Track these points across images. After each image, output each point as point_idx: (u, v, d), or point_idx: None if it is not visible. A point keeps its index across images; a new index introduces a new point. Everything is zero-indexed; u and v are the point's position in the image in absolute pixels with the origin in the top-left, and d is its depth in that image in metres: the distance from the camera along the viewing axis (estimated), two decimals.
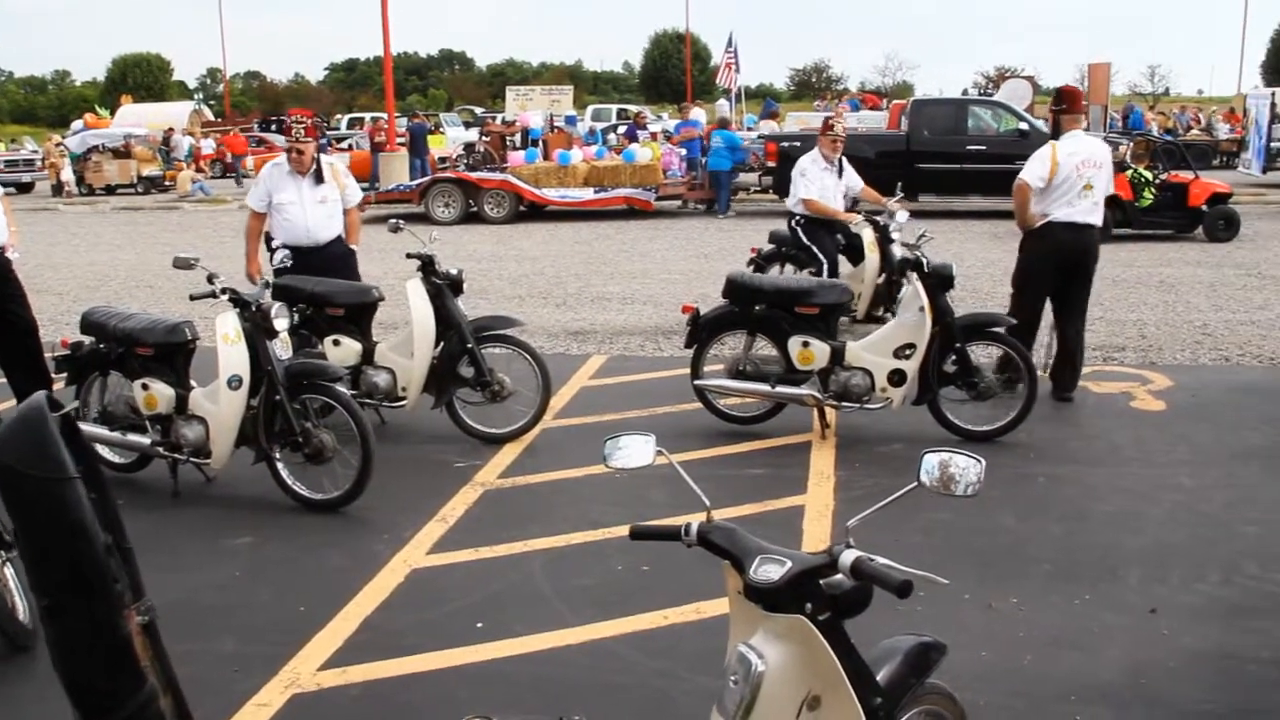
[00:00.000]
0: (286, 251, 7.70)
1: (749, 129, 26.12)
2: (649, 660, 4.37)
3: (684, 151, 22.00)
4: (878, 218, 9.82)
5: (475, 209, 20.29)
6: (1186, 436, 7.11)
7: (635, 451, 2.81)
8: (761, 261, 10.38)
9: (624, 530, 2.81)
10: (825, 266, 9.67)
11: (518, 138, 25.15)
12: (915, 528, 5.58)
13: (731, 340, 7.42)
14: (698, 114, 25.33)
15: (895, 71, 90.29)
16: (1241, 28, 75.86)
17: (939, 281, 6.87)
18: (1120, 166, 17.16)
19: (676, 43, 71.58)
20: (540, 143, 23.21)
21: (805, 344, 6.84)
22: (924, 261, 6.90)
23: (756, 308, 6.98)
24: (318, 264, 7.65)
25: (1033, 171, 7.61)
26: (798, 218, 9.91)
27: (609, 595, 4.91)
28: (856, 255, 10.20)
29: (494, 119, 31.69)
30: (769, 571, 2.37)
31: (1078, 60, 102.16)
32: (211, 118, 50.64)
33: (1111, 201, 16.46)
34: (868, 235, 9.85)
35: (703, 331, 7.20)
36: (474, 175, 21.08)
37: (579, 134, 26.02)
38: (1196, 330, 10.36)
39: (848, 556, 2.34)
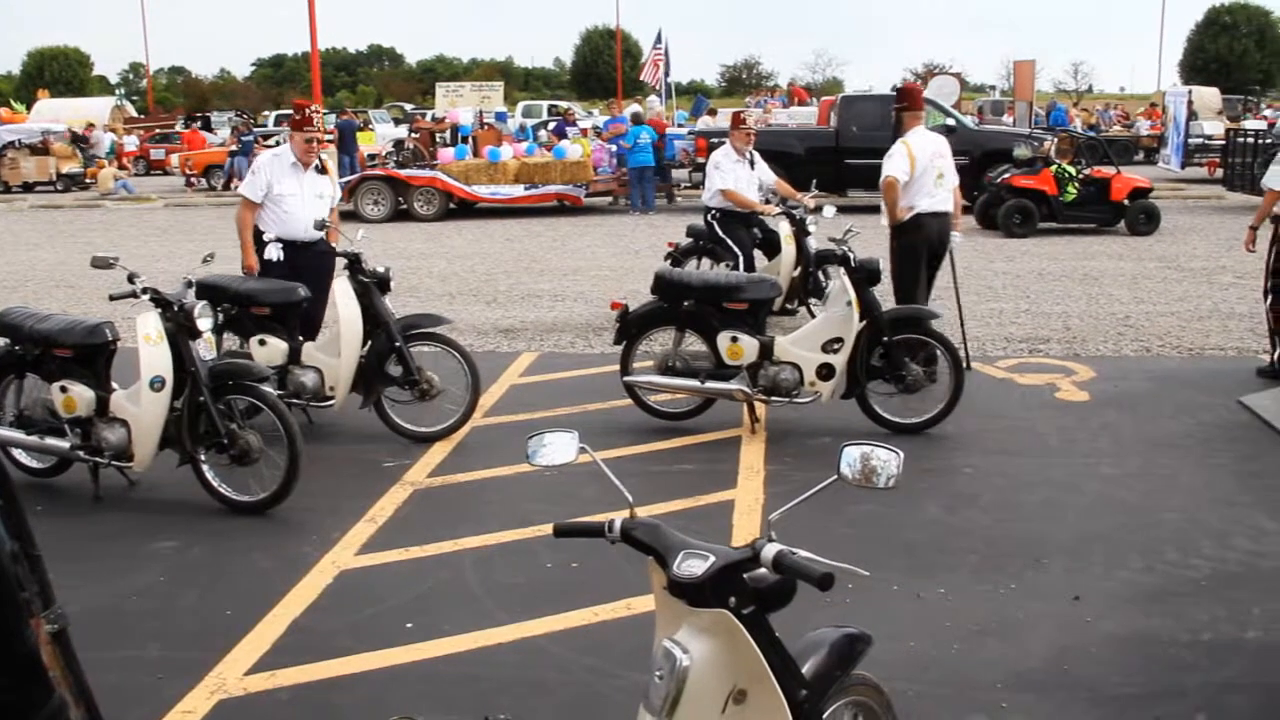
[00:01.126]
0: (280, 245, 7.46)
1: (680, 125, 26.18)
2: (579, 657, 4.37)
3: (614, 148, 21.99)
4: (794, 211, 9.93)
5: (405, 206, 20.14)
6: (1109, 426, 7.26)
7: (558, 448, 2.80)
8: (679, 256, 10.44)
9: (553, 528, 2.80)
10: (741, 260, 9.75)
11: (448, 134, 24.97)
12: (844, 520, 5.64)
13: (661, 336, 7.43)
14: (637, 109, 25.25)
15: (825, 68, 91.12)
16: (1160, 27, 77.46)
17: (866, 276, 6.94)
18: (1045, 162, 17.49)
19: (608, 39, 71.55)
20: (470, 140, 23.07)
21: (734, 339, 6.87)
22: (851, 256, 6.97)
23: (685, 303, 7.00)
24: (307, 260, 7.52)
25: (898, 167, 7.93)
26: (714, 212, 9.98)
27: (539, 593, 4.90)
28: (773, 249, 10.31)
29: (423, 116, 31.43)
30: (692, 566, 2.38)
31: (1004, 57, 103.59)
32: (135, 114, 49.67)
33: (1036, 196, 16.83)
34: (784, 228, 9.99)
35: (632, 328, 7.21)
36: (403, 172, 20.91)
37: (509, 131, 25.93)
38: (1119, 322, 10.56)
39: (770, 550, 2.36)
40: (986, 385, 8.25)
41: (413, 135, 26.78)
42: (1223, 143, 24.74)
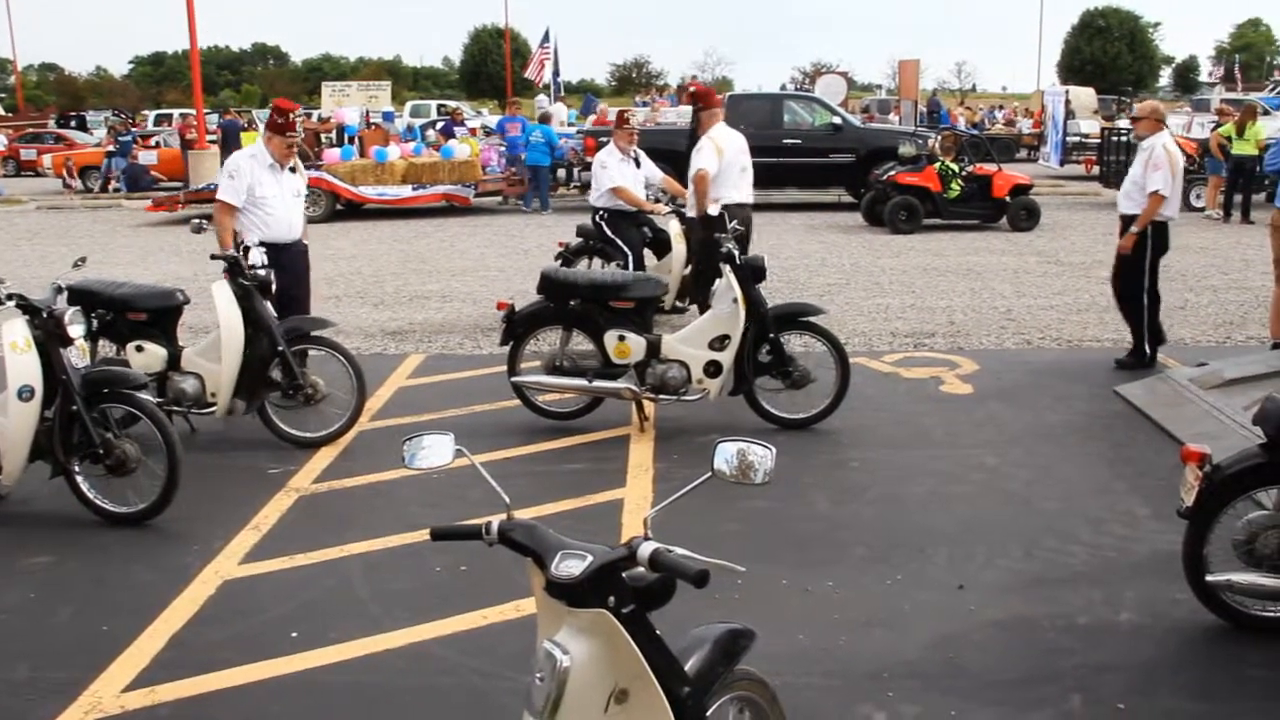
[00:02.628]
0: (262, 250, 7.10)
1: (571, 124, 26.13)
2: (468, 660, 4.34)
3: (503, 147, 21.86)
4: (683, 209, 9.89)
5: None
6: (992, 418, 7.43)
7: (435, 451, 2.78)
8: (569, 255, 10.35)
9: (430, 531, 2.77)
10: (630, 259, 9.75)
11: (333, 135, 24.56)
12: (733, 517, 5.69)
13: (548, 336, 7.40)
14: (547, 110, 25.07)
15: (714, 67, 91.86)
16: (1039, 29, 79.75)
17: (751, 273, 7.00)
18: (929, 159, 17.84)
19: (496, 38, 71.14)
20: (356, 140, 22.72)
21: (621, 338, 6.88)
22: (736, 254, 7.02)
23: (572, 303, 6.99)
24: (289, 262, 7.36)
25: (708, 161, 8.58)
26: (602, 211, 9.95)
27: (427, 597, 4.85)
28: (663, 248, 10.33)
29: (309, 116, 30.87)
30: (570, 567, 2.37)
31: (890, 57, 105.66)
32: (2, 112, 47.92)
33: (921, 193, 17.16)
34: (674, 227, 9.97)
35: (518, 328, 7.18)
36: None
37: (396, 131, 25.60)
38: (1001, 315, 10.82)
39: (646, 548, 2.37)
40: (873, 380, 8.39)
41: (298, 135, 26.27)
42: (1098, 141, 25.52)
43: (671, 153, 19.40)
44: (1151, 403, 7.59)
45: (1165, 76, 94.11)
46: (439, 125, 26.48)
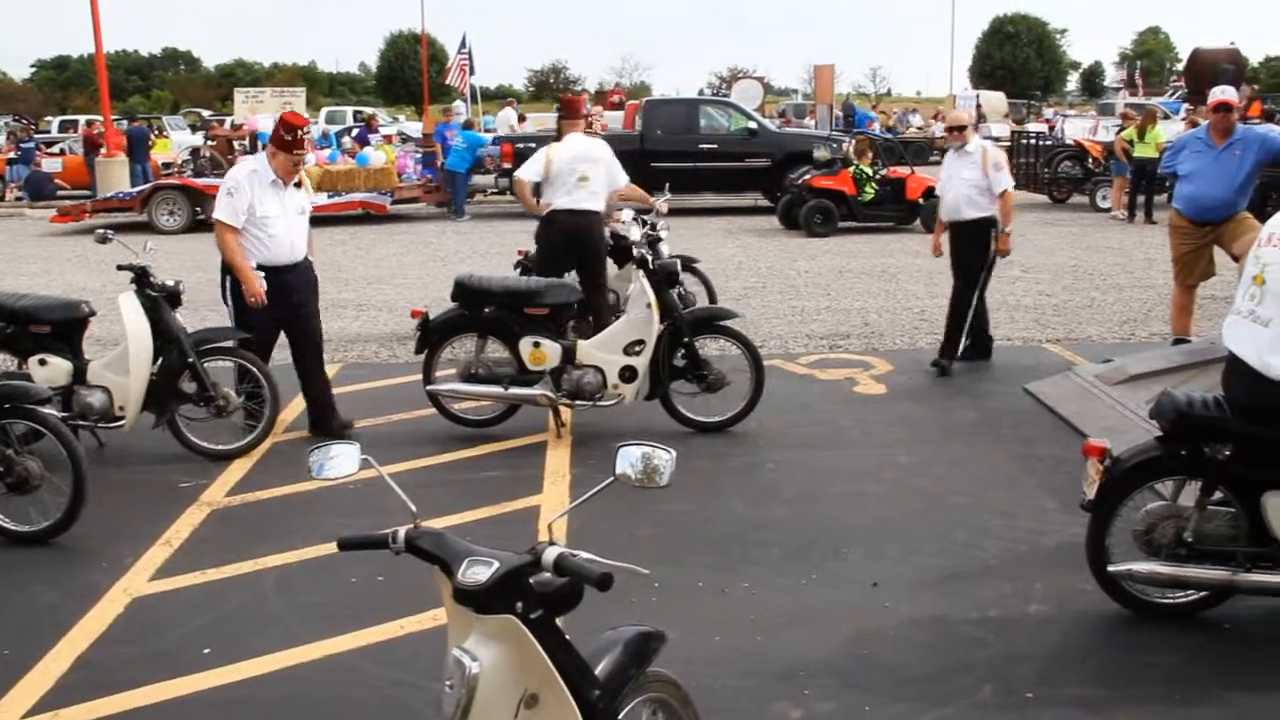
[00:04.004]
0: (262, 275, 6.81)
1: (487, 130, 26.02)
2: (386, 671, 4.31)
3: (418, 154, 21.71)
4: (645, 217, 9.83)
5: (203, 217, 19.39)
6: (905, 417, 7.55)
7: (342, 461, 2.76)
8: (529, 264, 9.96)
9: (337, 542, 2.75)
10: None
11: (247, 142, 24.22)
12: (649, 520, 5.72)
13: (464, 343, 7.38)
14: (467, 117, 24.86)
15: (632, 72, 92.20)
16: (950, 34, 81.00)
17: (665, 278, 7.04)
18: (844, 163, 18.07)
19: (413, 43, 70.55)
20: None
21: (536, 344, 6.88)
22: (649, 258, 7.05)
23: (486, 310, 6.98)
24: (294, 283, 7.03)
25: (528, 169, 8.88)
26: None
27: (344, 609, 4.81)
28: (624, 255, 10.07)
29: (221, 122, 30.42)
30: (476, 574, 2.38)
31: (806, 61, 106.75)
32: None
33: (836, 196, 17.36)
34: (635, 234, 9.78)
35: (433, 336, 7.14)
36: (200, 181, 20.13)
37: (311, 137, 25.30)
38: (915, 316, 10.98)
39: (550, 553, 2.38)
40: (788, 381, 8.48)
41: (209, 143, 25.86)
42: (1009, 144, 26.05)
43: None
44: (1059, 399, 7.77)
45: (1073, 81, 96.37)
46: (354, 132, 26.19)
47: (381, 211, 20.22)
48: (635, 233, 9.52)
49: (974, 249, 8.68)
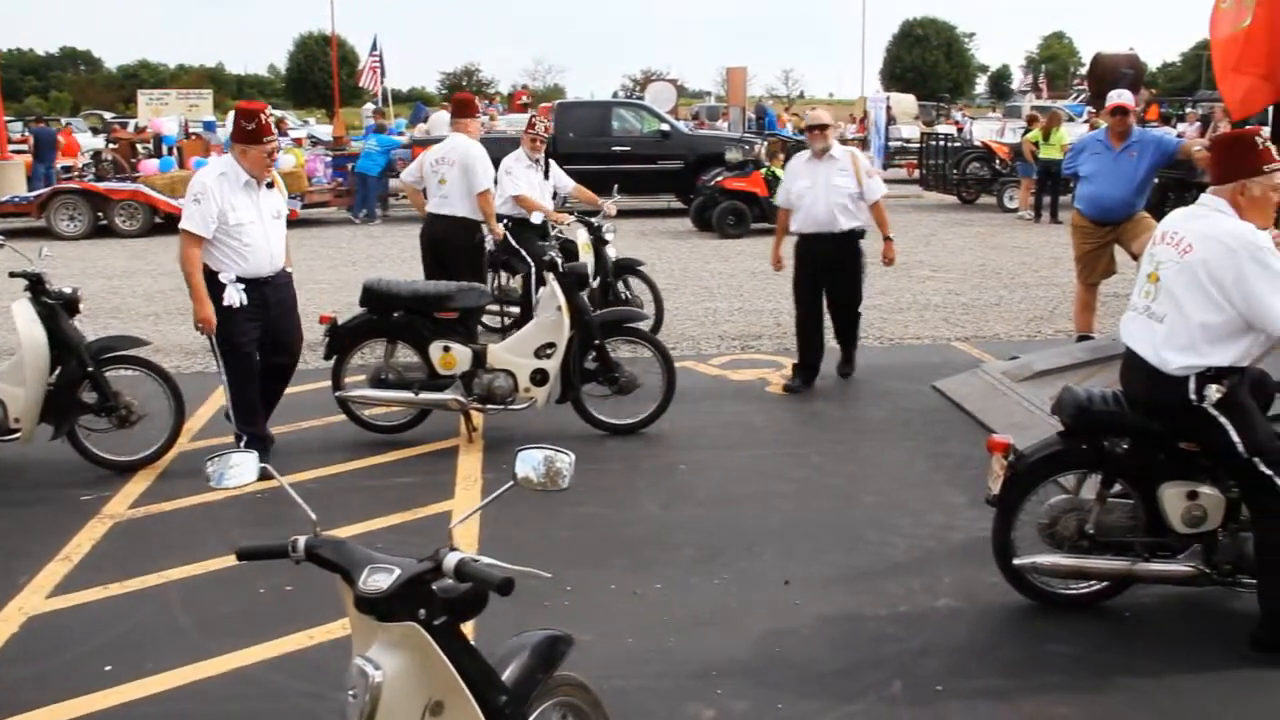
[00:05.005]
0: (241, 286, 6.30)
1: (399, 134, 25.76)
2: (295, 683, 4.24)
3: (329, 157, 21.42)
4: (591, 219, 9.65)
5: (105, 222, 18.96)
6: (816, 416, 7.62)
7: (241, 469, 2.72)
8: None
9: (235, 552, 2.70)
10: (532, 270, 9.21)
11: (151, 145, 23.70)
12: (563, 524, 5.70)
13: (373, 349, 7.29)
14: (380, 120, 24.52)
15: (545, 75, 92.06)
16: (862, 38, 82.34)
17: (575, 281, 7.02)
18: (756, 165, 18.19)
19: (323, 45, 69.66)
20: (176, 150, 21.96)
21: (446, 349, 6.83)
22: (559, 261, 7.03)
23: (395, 314, 6.90)
24: (275, 293, 6.52)
25: (407, 172, 9.31)
26: (506, 221, 9.41)
27: (252, 620, 4.72)
28: (572, 259, 9.84)
29: (124, 125, 29.73)
30: (378, 581, 2.36)
31: (719, 64, 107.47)
32: None
33: (748, 198, 17.48)
34: (581, 237, 9.53)
35: (342, 341, 7.05)
36: (102, 185, 19.64)
37: (218, 141, 24.81)
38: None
39: (451, 559, 2.37)
40: (701, 382, 8.51)
41: (111, 145, 25.24)
42: (919, 145, 26.48)
43: (501, 160, 19.38)
44: (967, 396, 7.89)
45: (981, 84, 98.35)
46: None
47: (292, 216, 19.82)
48: (582, 236, 9.48)
49: (853, 258, 8.27)
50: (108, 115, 46.57)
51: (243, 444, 6.46)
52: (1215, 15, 8.19)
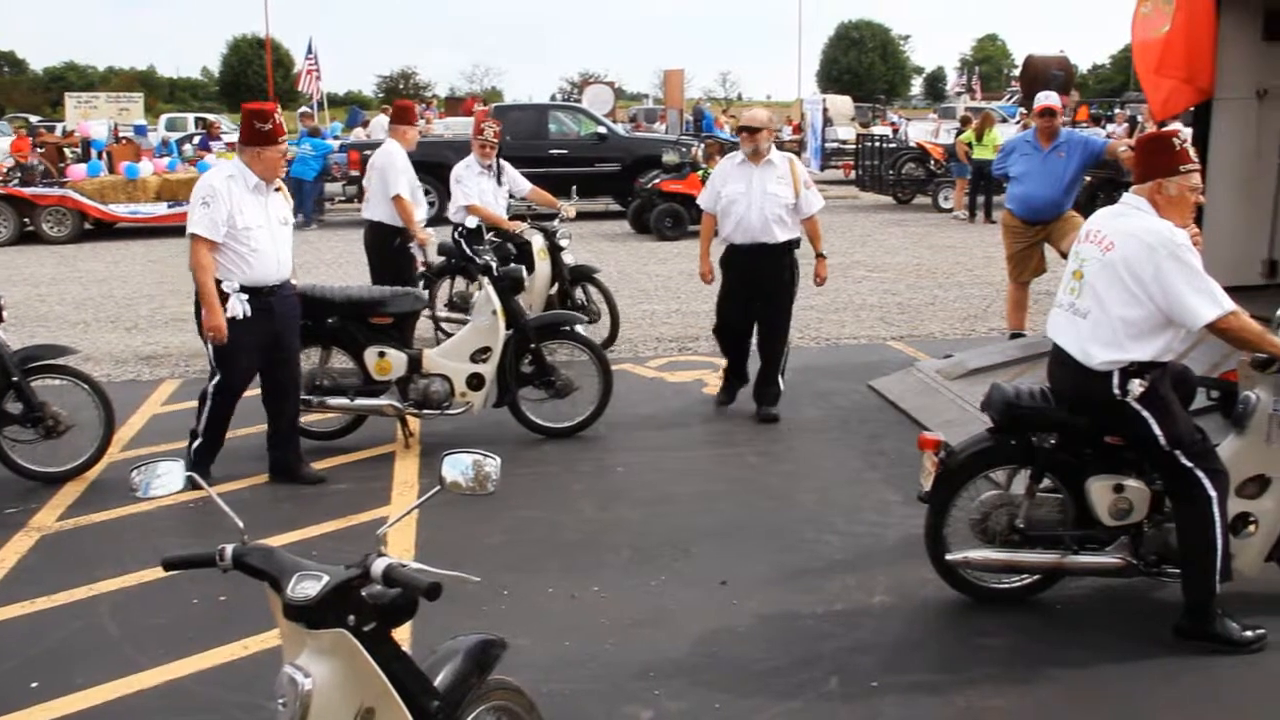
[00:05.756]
0: (244, 298, 6.04)
1: (334, 138, 25.54)
2: (229, 694, 4.18)
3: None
4: (546, 224, 9.51)
5: (32, 228, 18.59)
6: (753, 417, 7.64)
7: (168, 479, 2.69)
8: (432, 276, 9.65)
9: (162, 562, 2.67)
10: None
11: (79, 149, 23.22)
12: (500, 528, 5.69)
13: (309, 354, 7.21)
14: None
15: (482, 78, 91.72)
16: (798, 40, 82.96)
17: (510, 285, 7.01)
18: (693, 167, 18.24)
19: (257, 48, 68.85)
20: (105, 155, 21.56)
21: (381, 354, 6.78)
22: (493, 265, 7.02)
23: (329, 320, 6.83)
24: (279, 308, 6.23)
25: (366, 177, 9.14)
26: (460, 228, 8.92)
27: (185, 632, 4.65)
28: (530, 264, 9.75)
29: (51, 129, 29.13)
30: (306, 588, 2.35)
31: (656, 66, 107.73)
32: None
33: (685, 200, 17.50)
34: (537, 242, 9.39)
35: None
36: (28, 191, 19.22)
37: (150, 145, 24.45)
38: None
39: (379, 565, 2.36)
40: (638, 385, 8.53)
41: (38, 150, 24.72)
42: (855, 147, 26.70)
43: (439, 165, 19.30)
44: (902, 395, 7.99)
45: (916, 86, 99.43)
46: (196, 140, 25.42)
47: None
48: (538, 241, 9.35)
49: (785, 273, 7.56)
50: (34, 119, 45.59)
51: (194, 447, 6.36)
52: (1136, 19, 8.37)
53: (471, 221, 7.82)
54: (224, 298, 6.03)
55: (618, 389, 7.33)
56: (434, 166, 17.11)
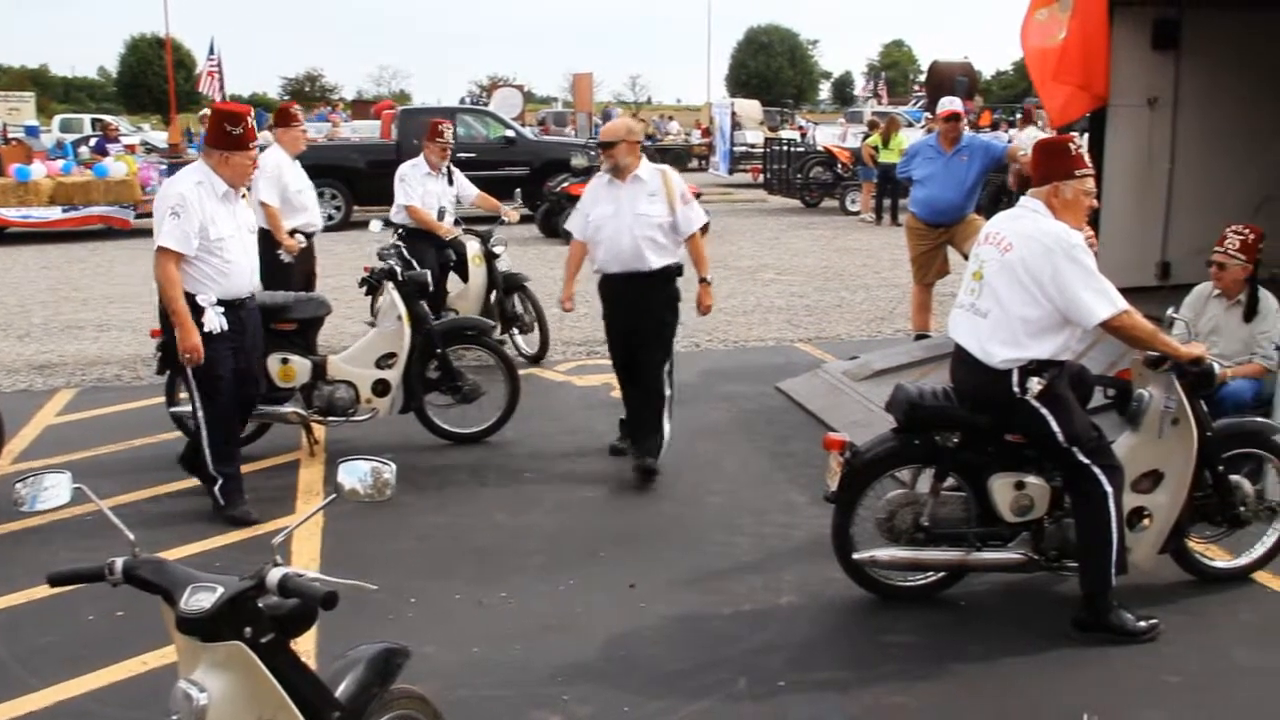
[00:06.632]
0: (220, 311, 5.68)
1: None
2: (127, 712, 4.07)
3: (164, 165, 20.71)
4: (481, 230, 9.31)
5: None
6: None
7: (55, 491, 2.61)
8: (375, 280, 9.32)
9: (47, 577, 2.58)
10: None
11: None
12: (408, 535, 5.64)
13: None
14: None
15: (390, 80, 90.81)
16: (707, 44, 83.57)
17: (416, 289, 6.93)
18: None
19: (156, 48, 67.25)
20: None
21: (285, 360, 6.66)
22: (398, 270, 6.94)
23: None
24: (249, 321, 5.94)
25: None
26: (400, 230, 8.97)
27: (80, 649, 4.51)
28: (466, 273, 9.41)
29: None
30: (200, 601, 2.30)
31: (566, 70, 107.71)
32: None
33: None
34: (473, 248, 9.17)
35: (175, 356, 6.78)
36: None
37: (43, 147, 23.77)
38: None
39: (274, 575, 2.32)
40: (545, 389, 8.50)
41: None
42: (763, 150, 26.96)
43: (344, 168, 19.12)
44: (810, 396, 8.07)
45: (824, 90, 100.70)
46: (92, 142, 24.75)
47: (125, 226, 19.14)
48: (473, 248, 9.16)
49: (663, 306, 6.55)
50: None
51: (217, 489, 5.90)
52: (1028, 26, 8.56)
53: (375, 225, 7.73)
54: (200, 311, 5.65)
55: (525, 393, 7.30)
56: (340, 169, 16.92)
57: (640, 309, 6.50)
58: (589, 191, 6.77)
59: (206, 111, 25.64)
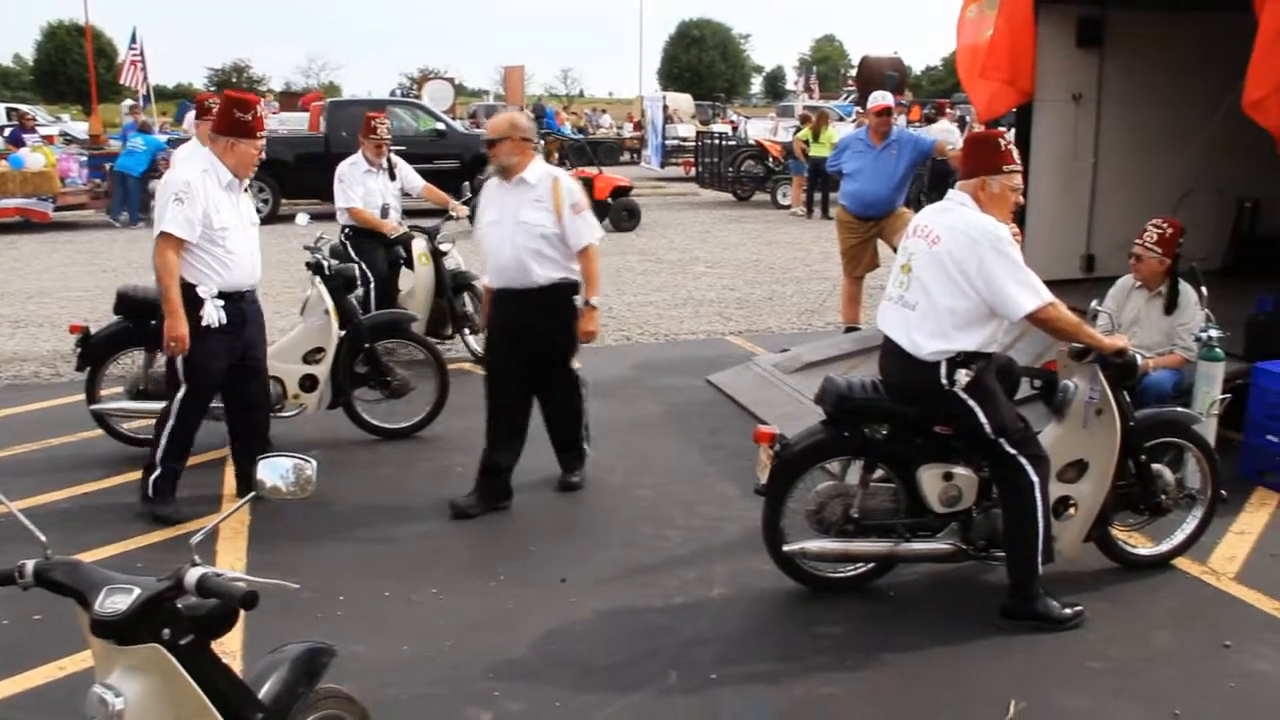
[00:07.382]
0: (220, 304, 5.53)
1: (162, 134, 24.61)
2: (43, 718, 3.96)
3: (84, 157, 20.25)
4: (428, 226, 9.07)
5: None
6: (593, 412, 7.60)
7: None
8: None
9: None
10: (372, 285, 8.31)
11: None
12: (335, 532, 5.56)
13: (131, 359, 6.92)
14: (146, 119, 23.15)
15: (319, 72, 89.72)
16: (639, 37, 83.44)
17: (343, 284, 6.83)
18: None
19: (76, 36, 65.76)
20: None
21: None
22: (325, 264, 6.84)
23: (152, 322, 6.53)
24: (251, 314, 5.78)
25: None
26: (346, 229, 8.74)
27: None
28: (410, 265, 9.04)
29: None
30: (115, 603, 2.24)
31: (497, 62, 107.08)
32: None
33: None
34: (419, 246, 8.88)
35: (96, 351, 6.63)
36: None
37: None
38: (604, 315, 11.12)
39: (193, 575, 2.27)
40: (474, 384, 8.36)
41: None
42: (695, 144, 27.01)
43: (273, 161, 18.80)
44: (740, 389, 8.09)
45: (756, 84, 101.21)
46: (7, 132, 24.11)
47: (44, 220, 18.68)
48: (419, 245, 8.90)
49: (560, 330, 5.89)
50: None
51: (154, 479, 5.73)
52: (963, 23, 8.67)
53: (302, 219, 7.60)
54: (198, 304, 5.51)
55: (460, 389, 7.24)
56: (267, 163, 16.56)
57: (534, 336, 5.85)
58: (483, 195, 6.16)
59: (133, 103, 25.20)
